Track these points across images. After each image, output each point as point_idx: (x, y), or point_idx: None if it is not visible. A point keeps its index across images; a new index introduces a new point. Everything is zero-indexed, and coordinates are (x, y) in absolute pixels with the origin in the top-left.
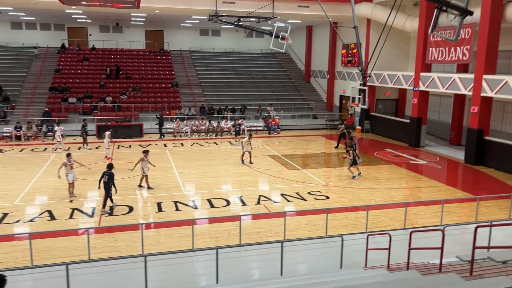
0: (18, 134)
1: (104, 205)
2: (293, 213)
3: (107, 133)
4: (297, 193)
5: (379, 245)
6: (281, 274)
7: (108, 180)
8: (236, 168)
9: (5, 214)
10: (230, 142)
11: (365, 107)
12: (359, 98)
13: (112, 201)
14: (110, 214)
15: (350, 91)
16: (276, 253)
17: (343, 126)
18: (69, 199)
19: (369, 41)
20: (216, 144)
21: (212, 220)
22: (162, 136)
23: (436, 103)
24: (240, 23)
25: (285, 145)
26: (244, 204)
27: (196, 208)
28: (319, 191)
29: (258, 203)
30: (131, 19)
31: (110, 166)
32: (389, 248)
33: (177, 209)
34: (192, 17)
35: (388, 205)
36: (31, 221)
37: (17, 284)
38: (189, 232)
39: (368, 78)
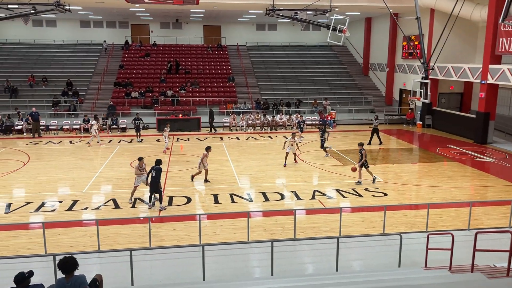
0: (86, 127)
1: (161, 201)
2: (349, 209)
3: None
4: (353, 189)
5: (440, 245)
6: (337, 270)
7: (156, 175)
8: (291, 163)
9: (75, 202)
10: (285, 136)
11: (426, 101)
12: (420, 92)
13: (150, 199)
14: (152, 206)
15: (410, 84)
16: (331, 249)
17: (377, 121)
18: (129, 200)
19: (433, 32)
20: (271, 138)
21: (267, 213)
22: (213, 130)
23: (506, 97)
24: (297, 17)
25: (341, 140)
26: (298, 198)
27: (251, 201)
28: (377, 188)
29: (313, 198)
30: (190, 15)
31: (158, 162)
32: (451, 249)
33: (232, 201)
34: (249, 11)
35: (450, 204)
36: (97, 208)
37: (86, 267)
38: (245, 224)
39: (430, 71)
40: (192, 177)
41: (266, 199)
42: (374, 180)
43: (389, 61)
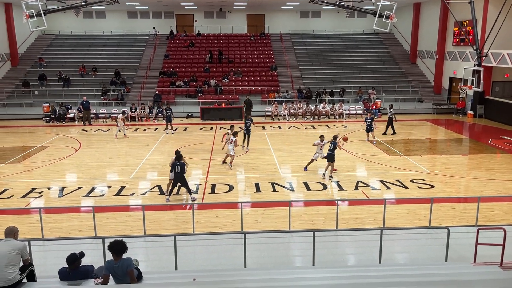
0: (133, 115)
1: (190, 192)
2: (393, 201)
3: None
4: (398, 180)
5: (491, 240)
6: (380, 262)
7: (181, 170)
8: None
9: (122, 187)
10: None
11: (479, 89)
12: (472, 80)
13: (169, 193)
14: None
15: (462, 72)
16: (374, 241)
17: (391, 110)
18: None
19: (487, 17)
20: (313, 127)
21: (309, 203)
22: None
23: None
24: (342, 3)
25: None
26: (341, 189)
27: (292, 190)
28: (423, 179)
29: (356, 188)
30: (234, 4)
31: (179, 157)
32: (503, 244)
33: (274, 190)
34: None
35: (503, 198)
36: (143, 194)
37: (132, 250)
38: (286, 214)
39: (484, 58)
40: (224, 162)
41: (308, 189)
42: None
43: (438, 48)
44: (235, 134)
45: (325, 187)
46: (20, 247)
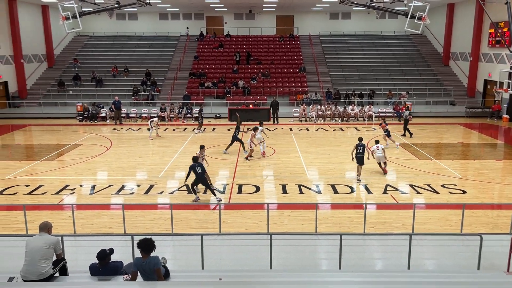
0: (163, 115)
1: (214, 193)
2: (423, 206)
3: (260, 128)
4: (428, 185)
5: None
6: (408, 268)
7: (202, 171)
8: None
9: (151, 186)
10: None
11: None
12: (508, 82)
13: (195, 192)
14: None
15: (497, 75)
16: (402, 246)
17: (407, 112)
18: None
19: None
20: (342, 129)
21: (336, 206)
22: (275, 121)
23: None
24: (373, 4)
25: (417, 133)
26: (369, 192)
27: (319, 192)
28: (455, 185)
29: (385, 192)
30: (263, 5)
31: (195, 159)
32: None
33: (301, 192)
34: (323, 0)
35: None
36: (172, 193)
37: (160, 248)
38: (312, 216)
39: None
40: (247, 158)
41: (335, 192)
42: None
43: (473, 50)
44: (255, 129)
45: (352, 190)
46: (54, 242)
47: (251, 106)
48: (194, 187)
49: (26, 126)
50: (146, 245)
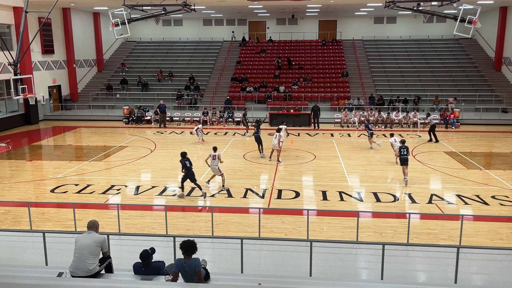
0: (205, 119)
1: (200, 188)
2: (471, 218)
3: (283, 127)
4: (477, 195)
5: None
6: (455, 282)
7: (190, 166)
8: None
9: (193, 188)
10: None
11: None
12: None
13: (182, 188)
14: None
15: None
16: (448, 258)
17: (431, 117)
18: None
19: None
20: (385, 136)
21: (378, 215)
22: (316, 126)
23: None
24: (420, 8)
25: (465, 142)
26: (413, 201)
27: (361, 200)
28: (506, 196)
29: (430, 202)
30: (306, 10)
31: (184, 154)
32: None
33: (341, 199)
34: (367, 5)
35: None
36: (212, 196)
37: (200, 250)
38: (353, 224)
39: None
40: (276, 157)
41: (377, 200)
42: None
43: None
44: (278, 130)
45: (395, 198)
46: (101, 240)
47: (291, 111)
48: (184, 183)
49: (76, 128)
50: (188, 247)
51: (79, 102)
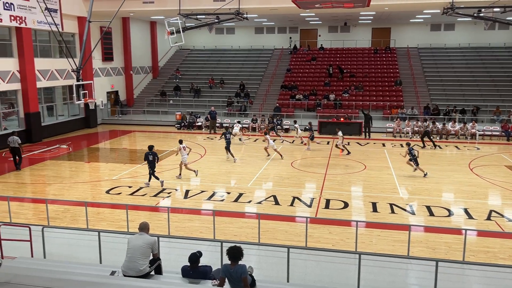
0: (254, 126)
1: (149, 179)
2: None
3: (339, 133)
4: None
5: None
6: None
7: (153, 159)
8: (463, 176)
9: (240, 194)
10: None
11: None
12: None
13: (157, 178)
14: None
15: None
16: (507, 279)
17: (426, 123)
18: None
19: None
20: (440, 147)
21: (431, 229)
22: (366, 136)
23: None
24: (481, 15)
25: None
26: (469, 217)
27: (413, 213)
28: None
29: (488, 218)
30: (359, 18)
31: (151, 147)
32: None
33: (392, 211)
34: (424, 11)
35: None
36: (259, 203)
37: (246, 257)
38: (404, 238)
39: None
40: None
41: (431, 214)
42: (425, 174)
43: None
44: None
45: (450, 213)
46: (151, 242)
47: (342, 119)
48: (154, 173)
49: (131, 132)
50: (235, 253)
51: (135, 107)
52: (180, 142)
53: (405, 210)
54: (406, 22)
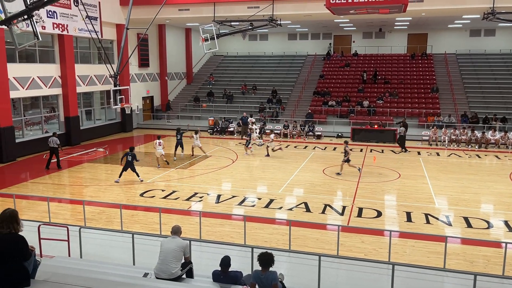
0: (285, 132)
1: (120, 176)
2: None
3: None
4: None
5: None
6: None
7: (131, 159)
8: (504, 187)
9: (271, 200)
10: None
11: None
12: None
13: (138, 175)
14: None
15: None
16: None
17: (403, 128)
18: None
19: None
20: (479, 157)
21: (469, 241)
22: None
23: None
24: None
25: None
26: (510, 230)
27: (449, 224)
28: None
29: None
30: (395, 23)
31: (132, 149)
32: None
33: (427, 222)
34: (463, 17)
35: None
36: (290, 209)
37: (277, 263)
38: (440, 249)
39: None
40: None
41: (468, 225)
42: (359, 169)
43: None
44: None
45: (489, 225)
46: (184, 246)
47: (375, 126)
48: (136, 171)
49: (165, 137)
50: (266, 259)
51: (169, 112)
52: (158, 138)
53: (441, 220)
54: (444, 27)
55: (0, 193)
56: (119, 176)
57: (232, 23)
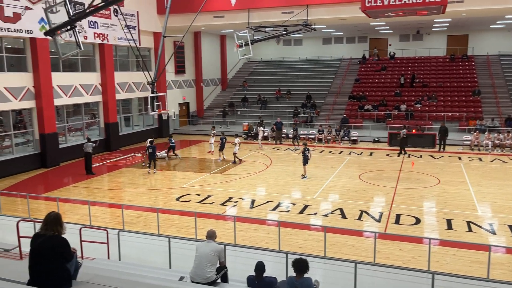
0: (320, 137)
1: (149, 165)
2: None
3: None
4: None
5: None
6: None
7: (153, 151)
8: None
9: (306, 206)
10: None
11: None
12: None
13: (155, 167)
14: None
15: None
16: None
17: (404, 130)
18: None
19: None
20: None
21: None
22: (441, 148)
23: None
24: None
25: None
26: None
27: (493, 233)
28: None
29: None
30: (433, 25)
31: (152, 141)
32: None
33: (469, 230)
34: (506, 17)
35: None
36: (325, 215)
37: (312, 270)
38: (483, 259)
39: None
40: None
41: None
42: (303, 176)
43: None
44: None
45: None
46: (219, 250)
47: (413, 130)
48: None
49: (201, 142)
50: (301, 265)
51: (204, 118)
52: (151, 142)
53: (484, 228)
54: (485, 28)
55: (45, 197)
56: (154, 167)
57: (266, 29)
